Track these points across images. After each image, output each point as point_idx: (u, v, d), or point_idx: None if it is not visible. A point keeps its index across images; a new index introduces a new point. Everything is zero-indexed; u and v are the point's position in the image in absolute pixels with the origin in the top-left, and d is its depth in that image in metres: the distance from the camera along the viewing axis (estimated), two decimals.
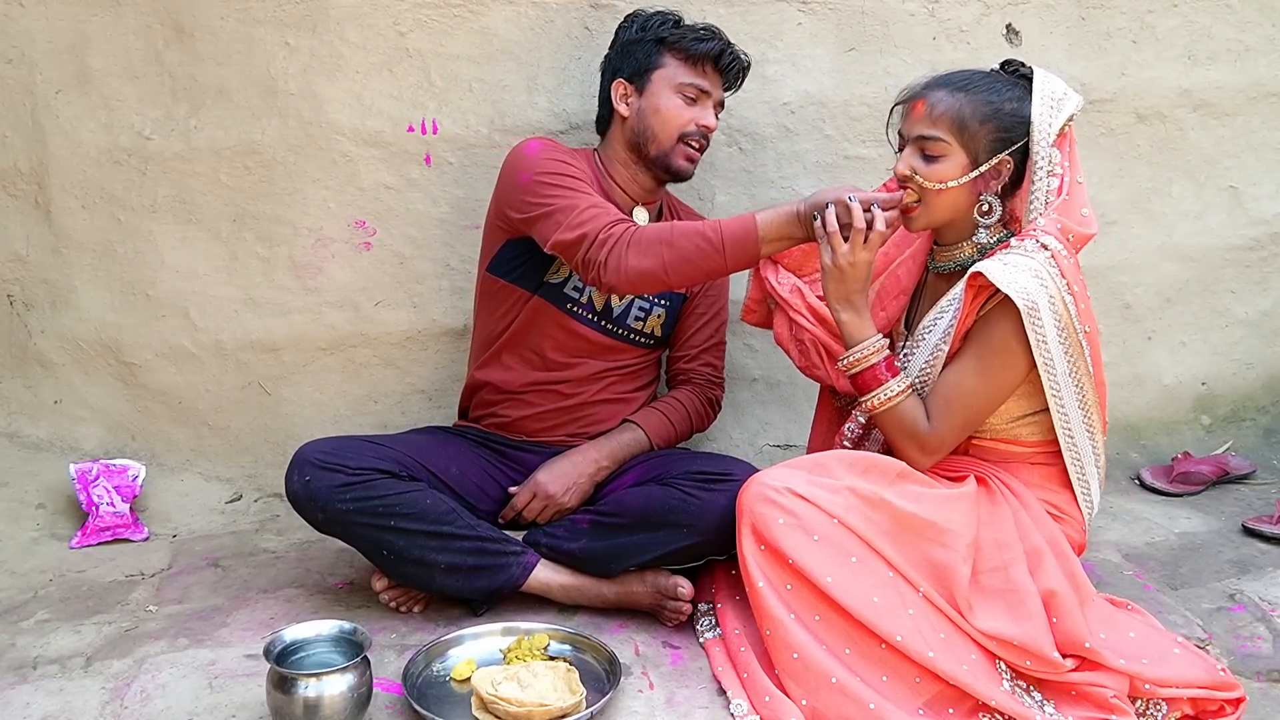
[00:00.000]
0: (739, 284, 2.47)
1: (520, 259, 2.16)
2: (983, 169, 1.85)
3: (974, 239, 1.91)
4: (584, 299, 2.19)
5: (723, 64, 2.16)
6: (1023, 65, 1.92)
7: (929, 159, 1.85)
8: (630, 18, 2.22)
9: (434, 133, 2.47)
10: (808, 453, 2.23)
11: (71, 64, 2.43)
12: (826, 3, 2.54)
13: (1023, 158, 1.87)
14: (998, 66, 1.94)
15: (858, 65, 2.57)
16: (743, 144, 2.57)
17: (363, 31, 2.42)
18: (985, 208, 1.88)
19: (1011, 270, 1.76)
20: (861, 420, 2.00)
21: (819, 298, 2.05)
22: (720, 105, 2.22)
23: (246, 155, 2.46)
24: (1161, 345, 2.89)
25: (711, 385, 2.36)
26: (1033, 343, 1.77)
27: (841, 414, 2.16)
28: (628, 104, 2.18)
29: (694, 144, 2.16)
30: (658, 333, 2.28)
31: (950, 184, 1.85)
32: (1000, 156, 1.85)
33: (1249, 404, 2.97)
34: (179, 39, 2.42)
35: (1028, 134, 1.85)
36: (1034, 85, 1.87)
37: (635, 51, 2.17)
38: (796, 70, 2.56)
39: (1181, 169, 2.80)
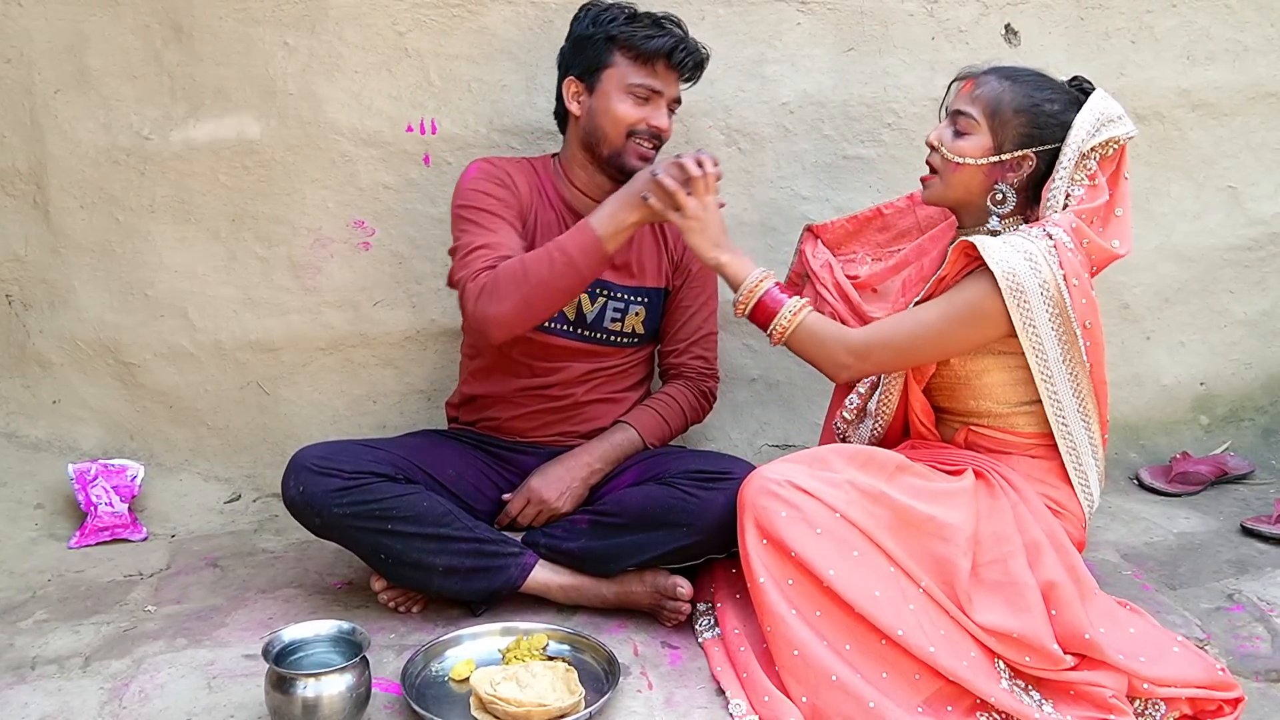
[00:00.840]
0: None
1: None
2: (1003, 157, 1.88)
3: (988, 226, 1.93)
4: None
5: (675, 60, 2.08)
6: (1088, 82, 1.95)
7: (958, 134, 1.90)
8: (584, 8, 2.15)
9: (433, 133, 2.47)
10: (822, 432, 2.24)
11: (70, 64, 2.43)
12: (825, 3, 2.54)
13: (1051, 161, 1.89)
14: (1065, 80, 1.97)
15: (856, 65, 2.58)
16: (741, 144, 2.57)
17: (361, 31, 2.42)
18: (999, 197, 1.91)
19: (1005, 248, 1.79)
20: (862, 391, 2.04)
21: (849, 276, 2.12)
22: (676, 102, 2.15)
23: (245, 155, 2.46)
24: (1160, 345, 2.89)
25: (704, 377, 2.31)
26: (1019, 325, 1.79)
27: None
28: (579, 103, 2.13)
29: (645, 143, 2.10)
30: (639, 330, 2.24)
31: (967, 161, 1.88)
32: (1025, 151, 1.88)
33: (1248, 404, 2.97)
34: (178, 39, 2.42)
35: (1062, 139, 1.87)
36: (1088, 99, 1.89)
37: (586, 48, 2.11)
38: (795, 70, 2.56)
39: (1180, 169, 2.80)
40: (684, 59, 2.09)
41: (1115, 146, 1.90)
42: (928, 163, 1.97)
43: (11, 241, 2.52)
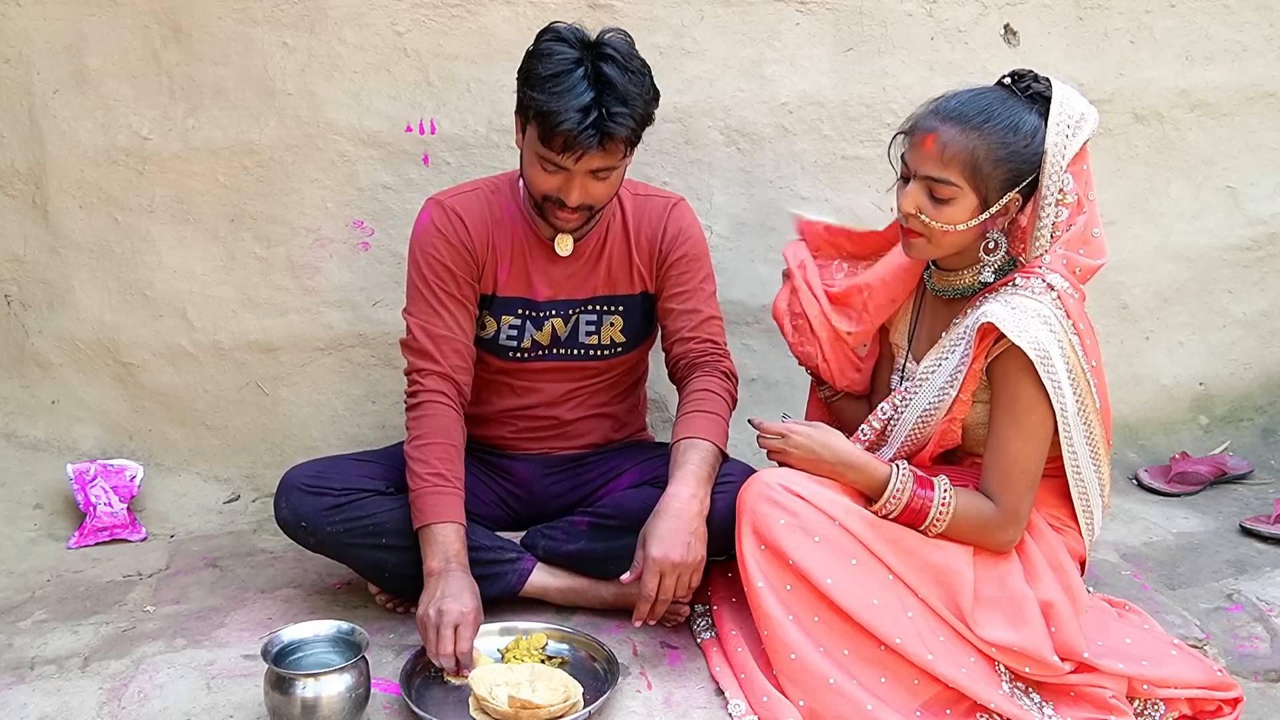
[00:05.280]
0: (734, 283, 2.47)
1: None
2: (992, 210, 1.77)
3: (976, 272, 1.85)
4: (525, 343, 2.06)
5: (572, 144, 1.80)
6: (1036, 80, 1.79)
7: (937, 200, 1.76)
8: (542, 33, 1.88)
9: (432, 133, 2.47)
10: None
11: (69, 64, 2.43)
12: (824, 3, 2.54)
13: (1031, 187, 1.79)
14: (1010, 79, 1.80)
15: (856, 65, 2.58)
16: (741, 144, 2.57)
17: (360, 31, 2.42)
18: (991, 244, 1.81)
19: (1020, 316, 1.70)
20: (876, 426, 1.93)
21: (825, 285, 2.04)
22: (600, 171, 1.87)
23: (244, 155, 2.46)
24: (1159, 345, 2.89)
25: (719, 358, 2.09)
26: (1049, 389, 1.71)
27: (828, 406, 2.15)
28: (517, 139, 1.95)
29: (559, 212, 1.91)
30: (619, 339, 2.11)
31: (959, 227, 1.77)
32: (1010, 195, 1.77)
33: (1246, 404, 2.97)
34: (176, 39, 2.42)
35: (1040, 165, 1.76)
36: (1050, 109, 1.76)
37: (521, 85, 1.89)
38: (794, 70, 2.56)
39: (1179, 169, 2.80)
40: (586, 141, 1.79)
41: (1085, 143, 1.80)
42: (907, 229, 1.81)
43: (10, 241, 2.52)
